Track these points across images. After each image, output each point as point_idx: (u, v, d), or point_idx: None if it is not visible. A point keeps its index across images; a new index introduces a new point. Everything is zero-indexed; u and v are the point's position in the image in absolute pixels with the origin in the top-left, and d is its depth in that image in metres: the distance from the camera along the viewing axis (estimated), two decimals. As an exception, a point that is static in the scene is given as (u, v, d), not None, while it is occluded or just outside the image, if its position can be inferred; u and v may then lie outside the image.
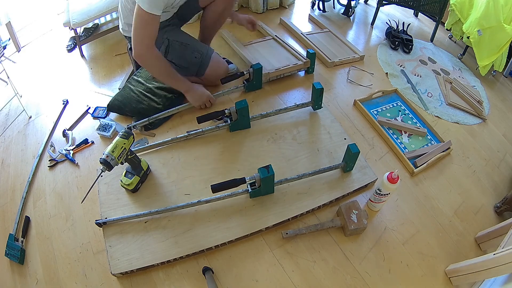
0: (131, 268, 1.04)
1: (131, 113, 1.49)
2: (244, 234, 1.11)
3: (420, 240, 1.17)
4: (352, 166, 1.25)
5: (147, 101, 1.49)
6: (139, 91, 1.53)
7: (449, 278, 1.09)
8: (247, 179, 1.11)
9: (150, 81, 1.56)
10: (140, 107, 1.48)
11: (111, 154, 1.01)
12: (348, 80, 1.75)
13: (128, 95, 1.53)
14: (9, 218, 1.25)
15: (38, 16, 2.32)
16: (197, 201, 1.13)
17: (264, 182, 1.11)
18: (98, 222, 1.10)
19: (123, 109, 1.51)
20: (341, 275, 1.08)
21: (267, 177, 1.09)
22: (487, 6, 1.62)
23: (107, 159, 1.00)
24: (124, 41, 1.98)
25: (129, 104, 1.50)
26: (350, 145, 1.16)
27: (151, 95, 1.51)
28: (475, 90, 1.78)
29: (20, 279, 1.10)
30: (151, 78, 1.58)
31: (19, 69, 1.90)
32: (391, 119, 1.53)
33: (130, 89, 1.55)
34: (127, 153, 1.08)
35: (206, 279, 1.03)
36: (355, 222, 1.11)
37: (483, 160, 1.47)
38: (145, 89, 1.53)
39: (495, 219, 1.27)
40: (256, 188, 1.14)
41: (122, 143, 1.04)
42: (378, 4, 2.11)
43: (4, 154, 1.48)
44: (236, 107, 1.30)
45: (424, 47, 2.05)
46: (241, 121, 1.37)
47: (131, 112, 1.49)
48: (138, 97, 1.51)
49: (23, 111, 1.63)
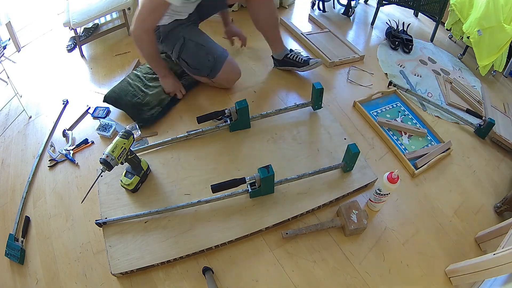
0: (131, 268, 1.04)
1: (125, 107, 1.49)
2: (244, 234, 1.11)
3: (420, 240, 1.17)
4: (352, 166, 1.25)
5: (142, 96, 1.50)
6: (137, 85, 1.54)
7: (449, 278, 1.09)
8: (247, 179, 1.11)
9: (149, 77, 1.57)
10: (134, 101, 1.48)
11: (111, 154, 1.01)
12: (348, 80, 1.75)
13: (126, 88, 1.53)
14: (9, 218, 1.25)
15: (38, 16, 2.32)
16: (197, 201, 1.13)
17: (264, 182, 1.11)
18: (98, 222, 1.10)
19: (119, 102, 1.50)
20: (341, 275, 1.08)
21: (267, 177, 1.09)
22: (487, 6, 1.62)
23: (107, 159, 1.00)
24: (124, 41, 2.00)
25: (124, 97, 1.50)
26: (350, 145, 1.16)
27: (148, 91, 1.52)
28: (475, 90, 1.78)
29: (20, 279, 1.10)
30: (152, 73, 1.58)
31: (19, 69, 1.90)
32: (391, 120, 1.53)
33: (128, 82, 1.55)
34: (127, 153, 1.08)
35: (206, 279, 1.03)
36: (355, 222, 1.11)
37: (483, 160, 1.47)
38: (143, 85, 1.54)
39: (495, 219, 1.27)
40: (256, 188, 1.14)
41: (122, 143, 1.04)
42: (378, 4, 2.11)
43: (4, 154, 1.48)
44: (236, 107, 1.30)
45: (424, 47, 2.05)
46: (241, 121, 1.37)
47: (126, 106, 1.49)
48: (134, 91, 1.52)
49: (23, 111, 1.63)
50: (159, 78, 1.50)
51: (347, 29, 2.17)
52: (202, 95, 1.60)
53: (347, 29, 2.17)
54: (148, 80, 1.56)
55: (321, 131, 1.41)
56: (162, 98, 1.50)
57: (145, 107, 1.46)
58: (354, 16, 2.28)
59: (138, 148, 1.31)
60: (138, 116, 1.46)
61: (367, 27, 2.19)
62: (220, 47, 1.50)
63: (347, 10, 2.22)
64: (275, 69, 1.75)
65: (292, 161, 1.30)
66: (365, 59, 1.89)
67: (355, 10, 2.29)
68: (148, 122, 1.45)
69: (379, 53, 1.95)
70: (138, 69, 1.63)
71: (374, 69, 1.83)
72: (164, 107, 1.49)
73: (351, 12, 2.23)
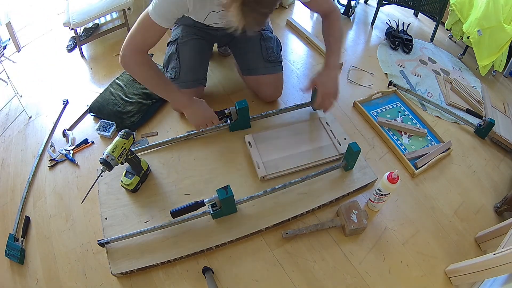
0: (131, 268, 1.04)
1: (108, 116, 1.49)
2: (244, 234, 1.11)
3: (420, 240, 1.17)
4: (353, 165, 1.25)
5: (122, 104, 1.49)
6: (118, 94, 1.53)
7: (449, 278, 1.09)
8: (205, 201, 1.05)
9: (130, 86, 1.56)
10: (115, 109, 1.48)
11: (111, 154, 1.01)
12: (348, 80, 1.75)
13: (108, 97, 1.53)
14: (9, 218, 1.25)
15: (38, 16, 2.32)
16: (153, 227, 1.07)
17: (225, 203, 1.06)
18: (100, 242, 1.06)
19: (102, 111, 1.51)
20: (341, 275, 1.08)
21: (226, 198, 1.03)
22: (487, 6, 1.62)
23: (107, 159, 1.00)
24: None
25: (107, 106, 1.50)
26: (351, 144, 1.16)
27: (128, 99, 1.51)
28: (475, 90, 1.78)
29: (20, 279, 1.10)
30: (132, 81, 1.57)
31: (19, 69, 1.90)
32: (391, 120, 1.53)
33: (110, 92, 1.55)
34: (127, 153, 1.08)
35: (206, 279, 1.03)
36: (355, 222, 1.11)
37: (483, 160, 1.47)
38: (124, 93, 1.53)
39: (495, 219, 1.27)
40: (218, 209, 1.10)
41: (122, 143, 1.05)
42: (378, 4, 2.11)
43: (4, 154, 1.48)
44: (236, 107, 1.30)
45: (424, 47, 2.05)
46: (241, 121, 1.37)
47: (108, 115, 1.49)
48: (115, 100, 1.51)
49: (23, 111, 1.63)
50: (183, 112, 1.26)
51: (347, 29, 2.17)
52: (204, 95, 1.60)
53: (347, 29, 2.17)
54: (128, 88, 1.56)
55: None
56: (142, 105, 1.49)
57: (125, 115, 1.47)
58: (354, 16, 2.28)
59: (138, 148, 1.31)
60: (120, 124, 1.46)
61: (367, 27, 2.19)
62: (200, 74, 1.39)
63: (347, 10, 2.22)
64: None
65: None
66: (365, 59, 1.89)
67: (355, 10, 2.29)
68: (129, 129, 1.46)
69: (379, 53, 1.95)
70: (120, 77, 1.63)
71: (374, 69, 1.83)
72: (145, 114, 1.49)
73: (351, 12, 2.23)
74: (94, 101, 1.54)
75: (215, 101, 1.56)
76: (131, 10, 1.90)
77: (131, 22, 2.00)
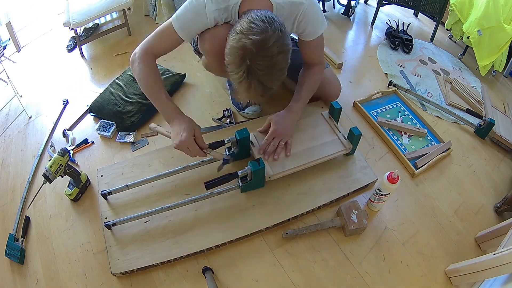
0: (131, 268, 1.04)
1: (108, 116, 1.49)
2: (244, 234, 1.11)
3: (420, 240, 1.17)
4: (354, 150, 1.27)
5: (122, 104, 1.49)
6: (118, 94, 1.53)
7: (449, 278, 1.09)
8: (239, 172, 1.11)
9: (130, 86, 1.56)
10: (115, 109, 1.48)
11: (49, 169, 1.11)
12: (348, 80, 1.75)
13: (108, 97, 1.53)
14: (9, 218, 1.25)
15: (38, 16, 2.32)
16: (195, 198, 1.12)
17: (256, 175, 1.11)
18: (107, 224, 1.09)
19: (102, 111, 1.51)
20: (341, 275, 1.08)
21: (258, 170, 1.08)
22: (487, 6, 1.62)
23: (46, 173, 1.11)
24: (124, 41, 2.00)
25: (107, 106, 1.50)
26: (352, 128, 1.18)
27: (128, 99, 1.51)
28: (475, 90, 1.79)
29: (20, 279, 1.10)
30: (132, 81, 1.57)
31: (19, 69, 1.90)
32: (391, 120, 1.53)
33: (110, 92, 1.55)
34: (65, 168, 1.16)
35: (206, 279, 1.03)
36: (355, 222, 1.11)
37: (483, 160, 1.47)
38: (124, 93, 1.53)
39: (495, 219, 1.27)
40: (248, 181, 1.14)
41: (59, 160, 1.13)
42: (378, 4, 2.11)
43: (4, 154, 1.48)
44: (237, 136, 1.18)
45: (424, 47, 2.05)
46: (242, 151, 1.25)
47: (108, 115, 1.49)
48: (115, 100, 1.51)
49: (23, 111, 1.63)
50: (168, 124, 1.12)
51: (347, 29, 2.17)
52: (202, 94, 1.60)
53: (347, 29, 2.17)
54: (128, 88, 1.56)
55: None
56: (142, 105, 1.49)
57: (125, 115, 1.47)
58: (354, 16, 2.28)
59: (138, 148, 1.31)
60: (120, 124, 1.47)
61: (367, 27, 2.19)
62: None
63: (347, 10, 2.22)
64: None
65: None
66: (365, 59, 1.89)
67: (355, 10, 2.29)
68: (129, 129, 1.46)
69: (379, 53, 1.95)
70: (120, 77, 1.63)
71: (374, 69, 1.83)
72: (145, 114, 1.48)
73: (351, 12, 2.23)
74: (94, 101, 1.54)
75: (215, 101, 1.56)
76: (131, 10, 1.90)
77: (131, 22, 2.01)
